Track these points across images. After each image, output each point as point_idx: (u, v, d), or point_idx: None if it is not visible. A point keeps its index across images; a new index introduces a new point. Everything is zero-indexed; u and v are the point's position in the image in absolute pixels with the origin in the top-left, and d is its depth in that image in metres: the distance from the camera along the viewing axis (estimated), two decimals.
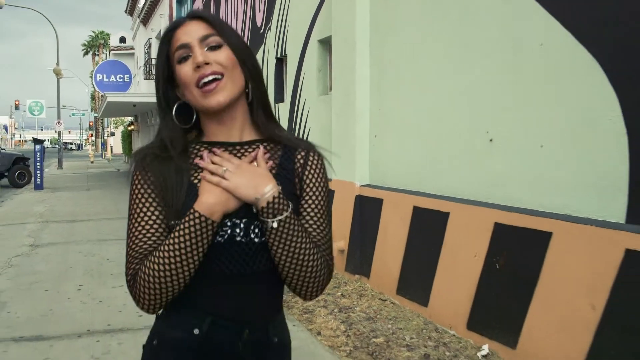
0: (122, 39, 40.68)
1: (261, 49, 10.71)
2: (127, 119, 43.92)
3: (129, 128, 39.35)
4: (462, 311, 4.74)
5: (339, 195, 6.92)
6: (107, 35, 75.91)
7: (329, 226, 1.50)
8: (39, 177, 19.77)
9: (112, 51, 40.69)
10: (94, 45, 77.90)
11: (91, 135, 71.88)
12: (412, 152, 5.72)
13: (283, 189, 1.42)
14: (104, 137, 59.01)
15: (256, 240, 1.40)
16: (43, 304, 5.75)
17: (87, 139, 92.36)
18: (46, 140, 67.27)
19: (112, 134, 54.74)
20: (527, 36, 4.19)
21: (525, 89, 4.23)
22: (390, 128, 6.11)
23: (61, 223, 11.47)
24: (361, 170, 6.56)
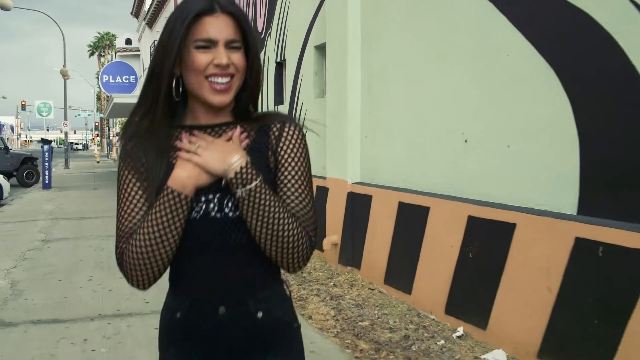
0: (128, 41, 41.24)
1: (262, 53, 11.18)
2: None
3: None
4: (441, 297, 5.19)
5: (332, 192, 7.38)
6: (113, 37, 76.47)
7: (309, 196, 1.51)
8: (47, 177, 20.28)
9: (118, 53, 41.24)
10: (100, 46, 78.51)
11: (97, 135, 72.44)
12: (398, 152, 6.17)
13: (256, 162, 1.45)
14: (109, 137, 59.61)
15: (230, 214, 1.44)
16: (57, 292, 6.22)
17: (93, 139, 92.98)
18: (52, 141, 67.74)
19: (118, 134, 55.28)
20: (496, 47, 4.64)
21: (494, 94, 4.68)
22: (379, 129, 6.57)
23: (70, 220, 11.95)
24: (353, 169, 7.02)
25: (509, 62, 4.50)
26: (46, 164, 20.32)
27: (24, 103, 64.66)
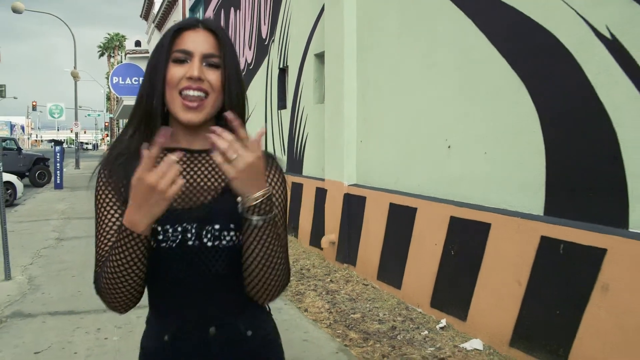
0: (137, 43, 41.79)
1: (266, 58, 11.61)
2: None
3: None
4: (427, 291, 5.59)
5: (330, 193, 7.80)
6: (123, 37, 77.27)
7: (286, 238, 1.51)
8: (59, 177, 20.75)
9: (128, 54, 41.78)
10: (110, 47, 79.38)
11: (107, 135, 73.09)
12: (390, 156, 6.58)
13: (232, 196, 1.42)
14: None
15: (209, 244, 1.43)
16: (72, 286, 6.67)
17: (103, 139, 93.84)
18: (63, 142, 68.45)
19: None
20: (475, 61, 5.04)
21: (473, 104, 5.09)
22: (373, 135, 6.98)
23: (82, 219, 12.41)
24: (349, 172, 7.43)
25: (485, 75, 4.90)
26: (58, 164, 20.79)
27: (34, 104, 65.29)
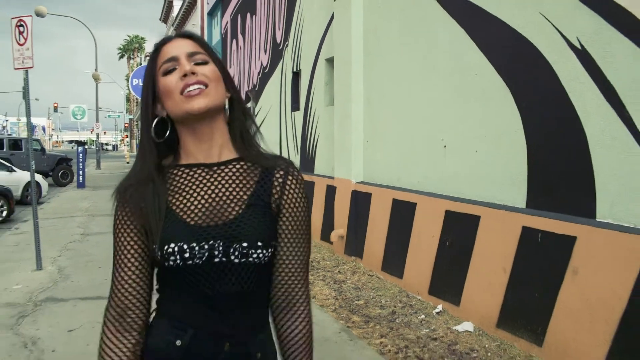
0: None
1: (280, 62, 12.12)
2: None
3: None
4: (425, 280, 6.05)
5: (339, 190, 8.29)
6: (142, 40, 78.35)
7: (307, 247, 1.54)
8: (81, 177, 21.44)
9: (147, 57, 42.63)
10: (129, 49, 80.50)
11: (126, 136, 74.03)
12: (393, 155, 7.04)
13: (257, 210, 1.45)
14: (138, 139, 61.00)
15: (236, 261, 1.41)
16: (99, 276, 7.21)
17: (122, 140, 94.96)
18: (86, 143, 69.57)
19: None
20: (467, 67, 5.50)
21: (466, 107, 5.54)
22: (378, 135, 7.45)
23: (105, 217, 12.98)
24: (356, 170, 7.91)
25: (476, 81, 5.36)
26: (80, 164, 21.48)
27: (56, 105, 66.35)
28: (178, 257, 1.39)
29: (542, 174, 4.59)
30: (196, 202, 1.44)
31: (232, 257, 1.41)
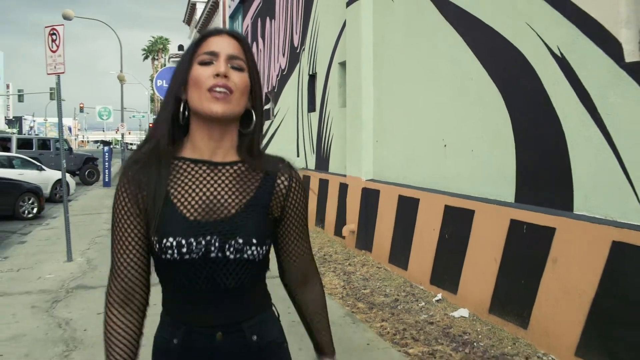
0: (180, 47, 43.33)
1: (297, 65, 12.61)
2: None
3: None
4: (427, 271, 6.48)
5: (350, 188, 8.74)
6: (166, 41, 79.41)
7: (309, 241, 1.70)
8: (107, 175, 22.14)
9: (171, 58, 43.39)
10: (154, 50, 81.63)
11: None
12: (399, 154, 7.48)
13: (255, 211, 1.51)
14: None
15: (231, 257, 1.45)
16: None
17: None
18: (112, 143, 70.67)
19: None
20: (464, 72, 5.91)
21: (463, 109, 5.96)
22: (387, 136, 7.89)
23: None
24: (366, 168, 8.35)
25: (472, 85, 5.77)
26: (106, 163, 22.18)
27: (82, 105, 67.51)
28: (175, 251, 1.43)
29: (528, 171, 4.99)
30: (197, 198, 1.48)
31: (228, 253, 1.44)
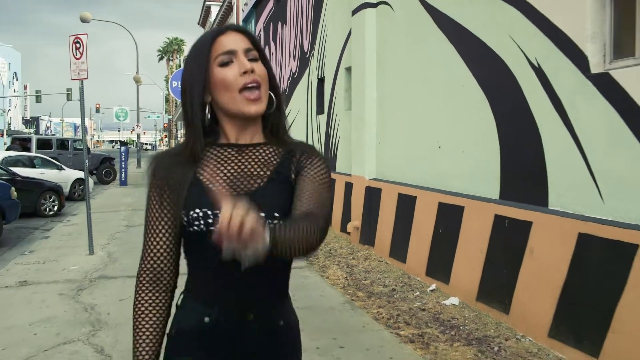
0: None
1: (307, 69, 13.14)
2: None
3: None
4: (423, 263, 6.97)
5: (355, 187, 9.25)
6: (181, 42, 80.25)
7: (328, 199, 1.56)
8: (123, 175, 22.72)
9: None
10: (169, 50, 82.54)
11: (165, 136, 75.91)
12: (399, 155, 7.98)
13: (277, 185, 1.54)
14: (177, 138, 62.84)
15: None
16: None
17: (162, 140, 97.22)
18: (128, 143, 71.59)
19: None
20: (456, 79, 6.40)
21: (455, 113, 6.45)
22: (388, 137, 8.39)
23: None
24: (370, 168, 8.86)
25: (463, 91, 6.26)
26: (123, 163, 22.79)
27: (98, 106, 68.50)
28: (202, 222, 1.49)
29: (511, 170, 5.48)
30: (223, 175, 1.55)
31: None
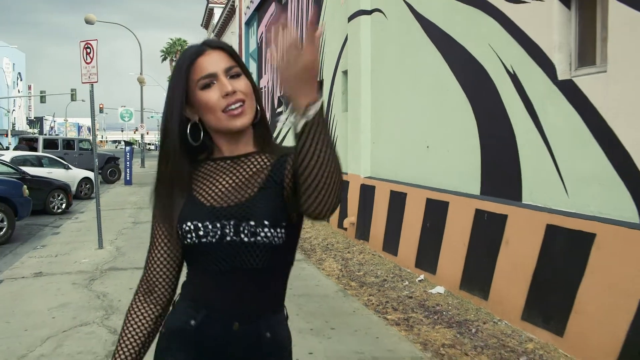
0: None
1: None
2: None
3: None
4: (412, 256, 7.44)
5: (351, 184, 9.72)
6: (185, 42, 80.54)
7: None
8: (128, 174, 23.15)
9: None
10: (172, 51, 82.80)
11: None
12: (391, 154, 8.45)
13: (268, 192, 1.54)
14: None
15: (245, 240, 1.49)
16: None
17: None
18: (133, 143, 72.08)
19: None
20: (443, 84, 6.87)
21: (442, 116, 6.92)
22: (382, 137, 8.86)
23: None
24: (365, 167, 9.34)
25: (448, 95, 6.73)
26: (127, 162, 23.20)
27: (101, 106, 68.84)
28: (194, 234, 1.53)
29: (489, 168, 5.95)
30: (215, 188, 1.58)
31: (242, 236, 1.49)
